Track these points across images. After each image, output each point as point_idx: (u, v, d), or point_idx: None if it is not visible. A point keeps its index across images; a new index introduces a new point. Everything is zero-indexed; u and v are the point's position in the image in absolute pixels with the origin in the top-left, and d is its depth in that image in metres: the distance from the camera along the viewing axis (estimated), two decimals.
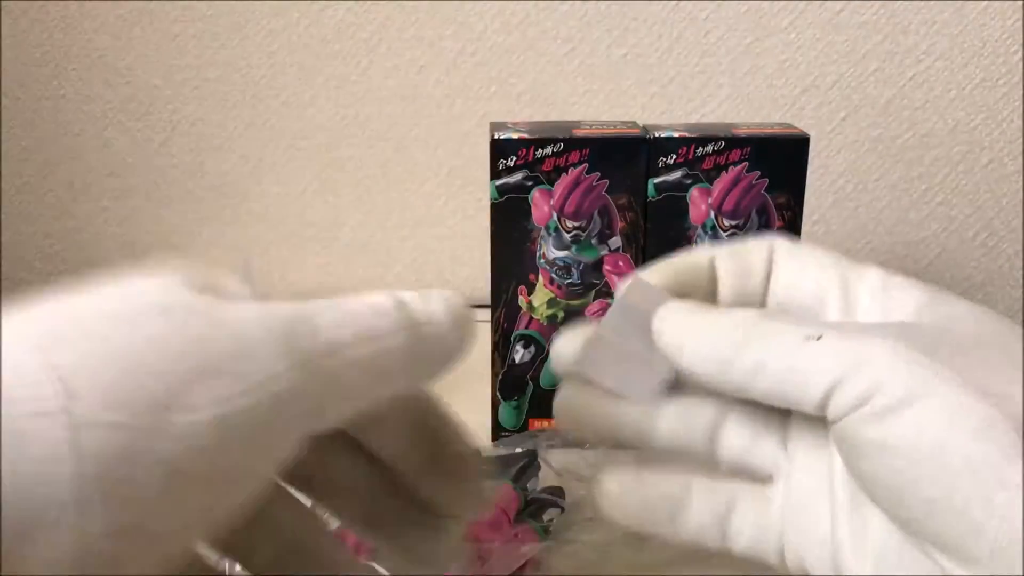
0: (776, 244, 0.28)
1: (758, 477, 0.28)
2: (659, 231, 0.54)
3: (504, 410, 0.57)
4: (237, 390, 0.20)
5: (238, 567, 0.26)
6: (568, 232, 0.53)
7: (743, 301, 0.27)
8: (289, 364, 0.20)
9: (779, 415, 0.27)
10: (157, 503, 0.18)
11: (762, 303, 0.27)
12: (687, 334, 0.25)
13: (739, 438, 0.28)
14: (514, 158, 0.52)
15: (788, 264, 0.27)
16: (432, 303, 0.24)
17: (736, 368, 0.24)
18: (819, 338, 0.24)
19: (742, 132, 0.53)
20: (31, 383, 0.18)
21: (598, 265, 0.54)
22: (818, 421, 0.25)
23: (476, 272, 0.81)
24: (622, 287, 0.28)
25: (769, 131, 0.54)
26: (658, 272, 0.27)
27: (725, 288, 0.28)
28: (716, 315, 0.26)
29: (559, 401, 0.28)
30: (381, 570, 0.44)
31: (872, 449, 0.23)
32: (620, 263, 0.54)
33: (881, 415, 0.22)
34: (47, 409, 0.17)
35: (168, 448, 0.18)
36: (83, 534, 0.17)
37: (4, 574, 0.17)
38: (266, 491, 0.22)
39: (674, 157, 0.52)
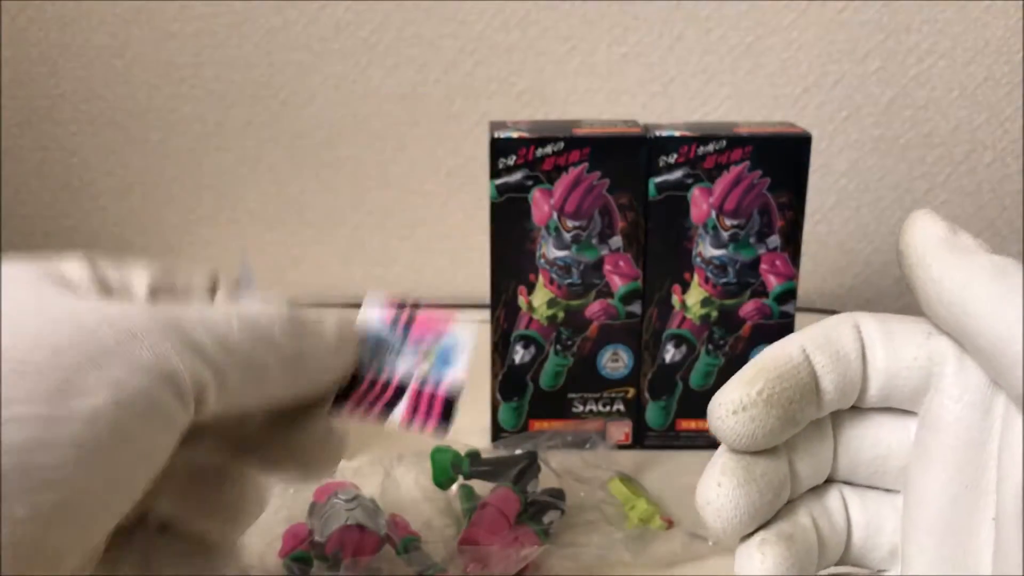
0: (860, 320, 0.26)
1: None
2: (660, 231, 0.53)
3: (504, 411, 0.57)
4: (128, 372, 0.21)
5: None
6: (568, 232, 0.53)
7: (846, 389, 0.25)
8: (176, 347, 0.23)
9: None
10: (75, 483, 0.20)
11: (864, 387, 0.25)
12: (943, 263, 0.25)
13: (856, 514, 0.26)
14: (514, 157, 0.51)
15: (883, 339, 0.25)
16: (326, 320, 0.27)
17: (985, 299, 0.22)
18: None
19: (743, 131, 0.53)
20: None
21: (599, 265, 0.54)
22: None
23: (476, 272, 0.80)
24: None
25: (771, 130, 0.53)
26: (751, 381, 0.24)
27: (827, 381, 0.25)
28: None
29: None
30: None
31: None
32: (621, 263, 0.54)
33: None
34: None
35: (76, 430, 0.20)
36: (12, 522, 0.19)
37: None
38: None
39: (675, 156, 0.52)
